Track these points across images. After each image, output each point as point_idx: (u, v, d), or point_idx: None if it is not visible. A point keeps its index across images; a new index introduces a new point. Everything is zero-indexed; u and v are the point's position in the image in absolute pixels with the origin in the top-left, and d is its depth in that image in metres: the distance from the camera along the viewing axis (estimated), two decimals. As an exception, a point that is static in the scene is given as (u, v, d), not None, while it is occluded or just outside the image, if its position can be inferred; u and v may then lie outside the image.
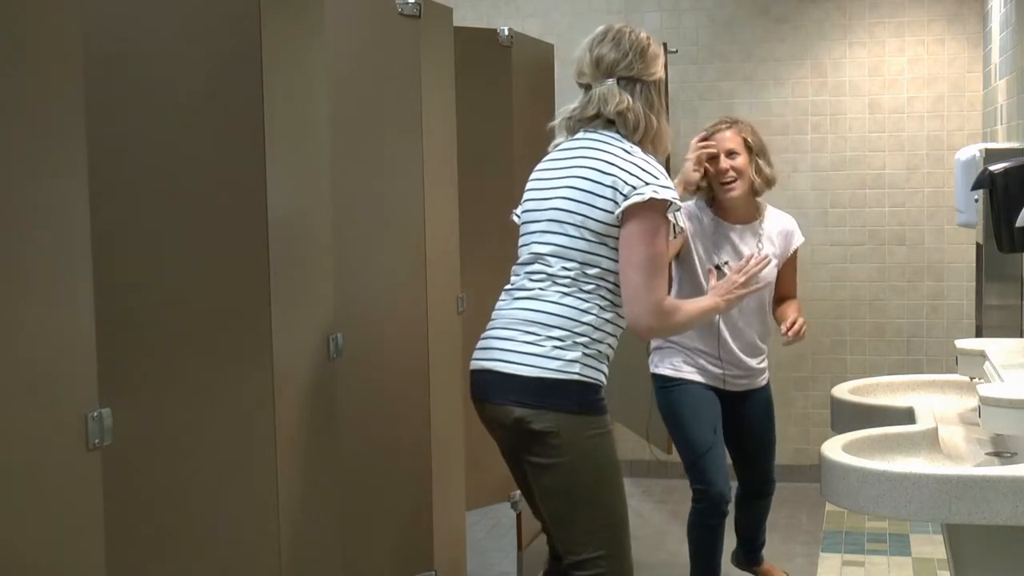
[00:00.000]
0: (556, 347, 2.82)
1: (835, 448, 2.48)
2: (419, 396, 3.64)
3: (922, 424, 2.74)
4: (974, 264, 5.00)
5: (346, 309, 3.18)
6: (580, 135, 2.99)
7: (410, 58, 3.56)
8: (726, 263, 3.95)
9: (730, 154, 4.00)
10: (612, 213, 2.85)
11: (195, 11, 2.62)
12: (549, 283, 2.89)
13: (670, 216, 2.85)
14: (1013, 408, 2.38)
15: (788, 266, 4.16)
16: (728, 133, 4.03)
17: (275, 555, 2.68)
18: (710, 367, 4.05)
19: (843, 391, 3.22)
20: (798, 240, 4.16)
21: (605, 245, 2.87)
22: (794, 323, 3.93)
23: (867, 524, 5.24)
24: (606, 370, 2.92)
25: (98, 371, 2.08)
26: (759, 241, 4.05)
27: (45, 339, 1.95)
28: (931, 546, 4.92)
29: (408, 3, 3.53)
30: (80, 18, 2.07)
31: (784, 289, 4.17)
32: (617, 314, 2.90)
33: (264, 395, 2.65)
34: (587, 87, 2.99)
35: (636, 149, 2.91)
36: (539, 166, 3.09)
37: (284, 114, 2.74)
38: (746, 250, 3.98)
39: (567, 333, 2.83)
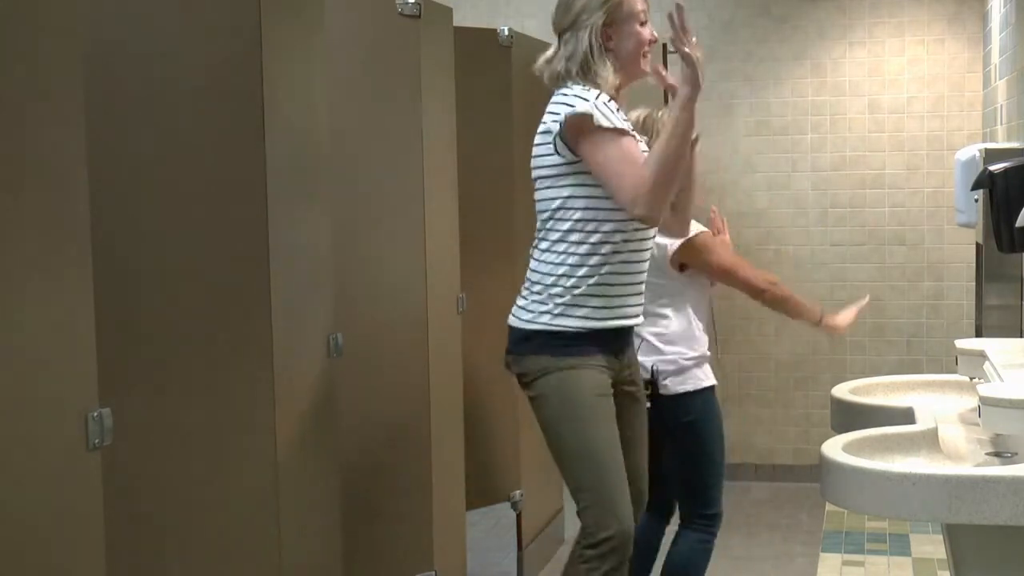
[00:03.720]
0: (534, 300, 3.05)
1: (835, 448, 2.48)
2: (419, 396, 3.64)
3: (922, 424, 2.74)
4: (974, 264, 5.00)
5: (346, 309, 3.19)
6: None
7: (410, 58, 3.56)
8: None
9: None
10: (554, 151, 3.00)
11: (195, 11, 2.63)
12: (535, 243, 3.10)
13: (603, 123, 2.92)
14: (1013, 408, 2.38)
15: None
16: None
17: (275, 555, 2.68)
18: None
19: (843, 391, 3.22)
20: None
21: (556, 186, 3.01)
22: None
23: (867, 524, 5.24)
24: (591, 313, 3.00)
25: (98, 371, 2.08)
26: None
27: (45, 339, 1.95)
28: (931, 546, 4.92)
29: (408, 3, 3.53)
30: (80, 18, 2.07)
31: None
32: (597, 252, 2.98)
33: (264, 395, 2.65)
34: None
35: (562, 89, 3.05)
36: None
37: (284, 114, 2.74)
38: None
39: (543, 287, 3.03)
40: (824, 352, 6.11)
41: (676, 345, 3.57)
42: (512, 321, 3.11)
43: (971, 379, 3.16)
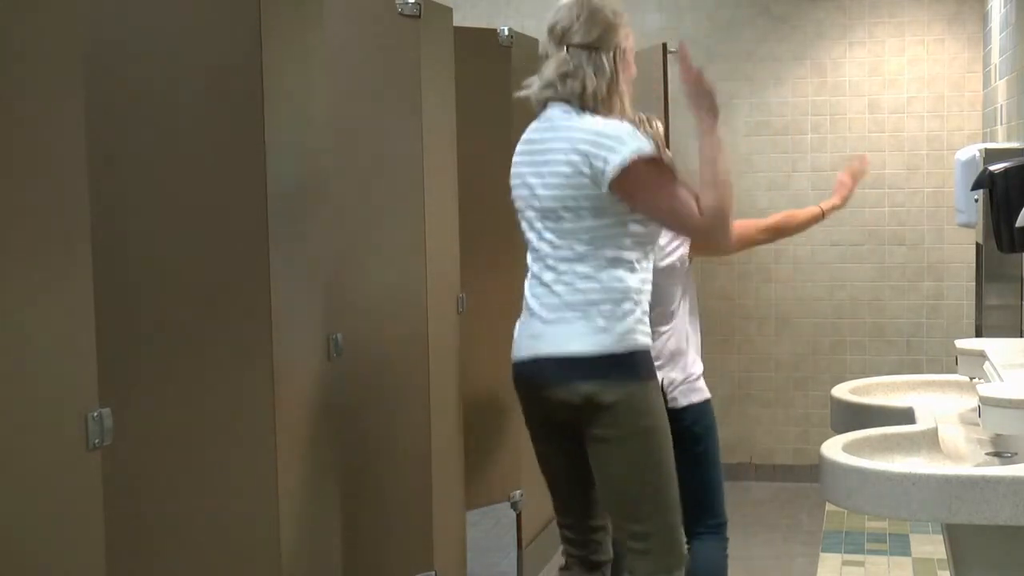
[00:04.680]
0: (611, 318, 2.80)
1: (835, 448, 2.48)
2: (419, 396, 3.64)
3: (922, 424, 2.74)
4: (974, 264, 5.00)
5: (346, 309, 3.18)
6: (546, 114, 2.90)
7: (410, 58, 3.56)
8: None
9: None
10: (594, 187, 2.77)
11: (195, 11, 2.63)
12: (566, 263, 2.83)
13: (665, 158, 2.80)
14: (1013, 408, 2.38)
15: None
16: None
17: (275, 555, 2.68)
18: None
19: (843, 391, 3.22)
20: None
21: (603, 215, 2.80)
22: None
23: (867, 524, 5.24)
24: (646, 330, 2.87)
25: (98, 371, 2.08)
26: None
27: (45, 339, 1.95)
28: (931, 546, 4.92)
29: (408, 3, 3.53)
30: (80, 18, 2.07)
31: None
32: (645, 269, 2.88)
33: (264, 395, 2.65)
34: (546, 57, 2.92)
35: (588, 120, 2.81)
36: (521, 147, 2.99)
37: (284, 114, 2.74)
38: None
39: (612, 304, 2.81)
40: (824, 352, 6.11)
41: (685, 357, 3.50)
42: (586, 346, 2.78)
43: (971, 379, 3.16)
